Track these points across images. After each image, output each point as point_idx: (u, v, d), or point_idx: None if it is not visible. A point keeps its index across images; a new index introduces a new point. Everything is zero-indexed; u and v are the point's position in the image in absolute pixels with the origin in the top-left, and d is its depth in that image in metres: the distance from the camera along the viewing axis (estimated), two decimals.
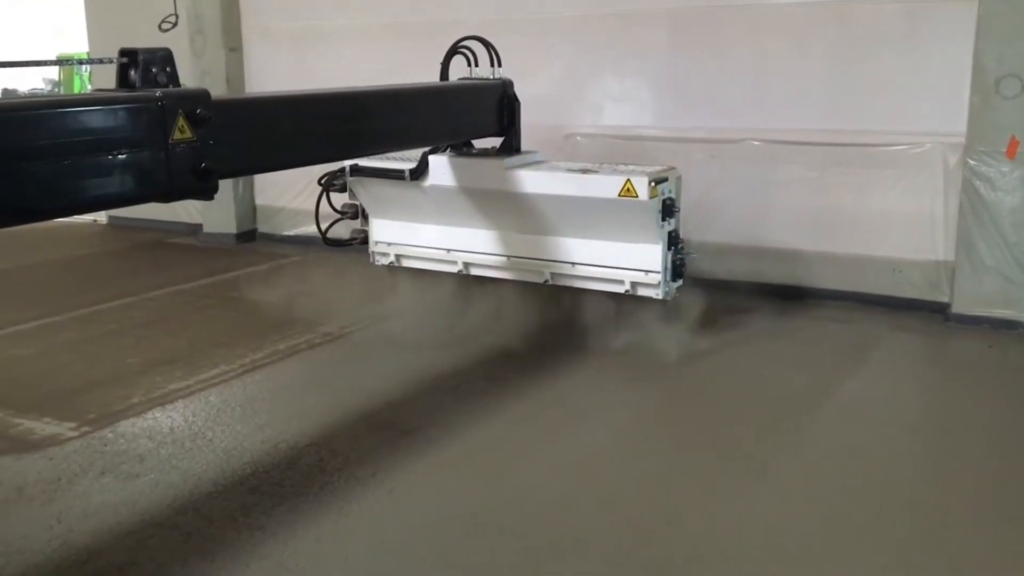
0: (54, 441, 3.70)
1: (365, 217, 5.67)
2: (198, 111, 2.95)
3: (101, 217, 8.67)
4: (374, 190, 5.48)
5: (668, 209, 4.63)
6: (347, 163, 5.35)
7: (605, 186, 4.59)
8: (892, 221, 5.42)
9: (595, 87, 6.26)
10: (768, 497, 3.20)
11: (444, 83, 5.00)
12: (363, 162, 5.33)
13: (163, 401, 4.10)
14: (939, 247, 5.32)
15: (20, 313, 5.48)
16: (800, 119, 5.58)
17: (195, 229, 7.97)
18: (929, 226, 5.33)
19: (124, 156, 2.78)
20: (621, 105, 6.20)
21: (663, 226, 4.65)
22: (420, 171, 5.14)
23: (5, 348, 4.93)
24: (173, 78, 3.01)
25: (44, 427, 3.85)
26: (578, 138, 6.30)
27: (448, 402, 4.05)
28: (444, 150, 5.15)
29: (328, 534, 2.95)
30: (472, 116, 4.91)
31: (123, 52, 2.99)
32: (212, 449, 3.61)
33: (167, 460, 3.52)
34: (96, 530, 2.99)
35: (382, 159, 5.30)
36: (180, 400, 4.12)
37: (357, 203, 5.58)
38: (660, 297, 4.72)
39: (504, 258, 5.20)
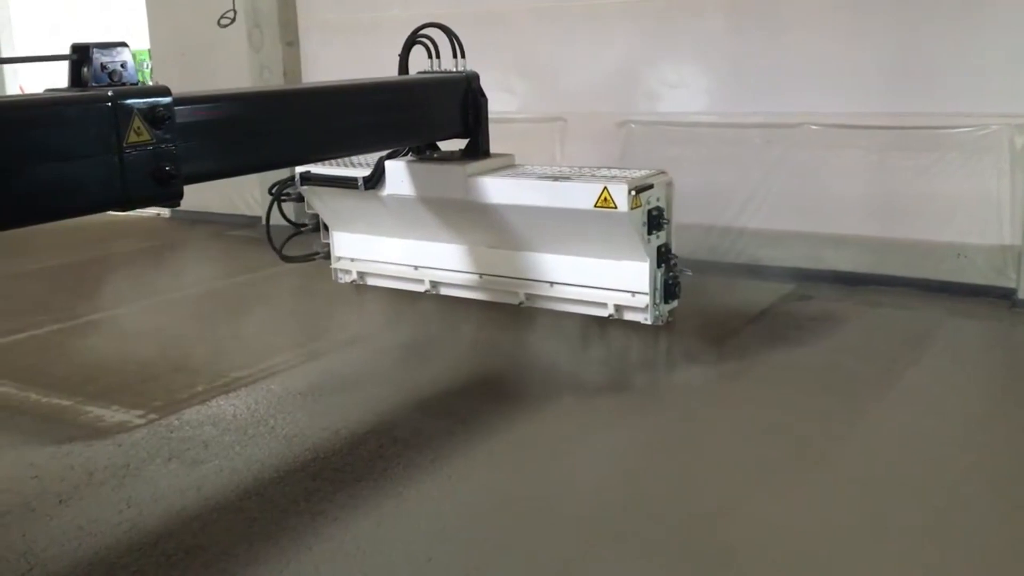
0: (122, 428, 3.81)
1: (327, 230, 5.18)
2: (156, 110, 2.72)
3: (164, 211, 8.86)
4: (329, 200, 5.01)
5: (655, 221, 4.10)
6: (298, 169, 4.87)
7: (579, 195, 4.06)
8: (955, 205, 5.29)
9: (650, 73, 6.22)
10: (826, 486, 3.16)
11: (397, 78, 4.53)
12: (315, 169, 4.82)
13: (226, 389, 4.19)
14: (1005, 231, 5.19)
15: (88, 305, 5.64)
16: (859, 102, 5.48)
17: (254, 221, 8.10)
18: (994, 209, 5.20)
19: (72, 162, 2.55)
20: (676, 91, 6.16)
21: (649, 241, 4.12)
22: (375, 179, 4.63)
23: (75, 339, 5.07)
24: (130, 75, 2.79)
25: (113, 415, 3.96)
26: (632, 126, 6.27)
27: (503, 396, 4.05)
28: (406, 153, 4.64)
29: (388, 518, 3.00)
30: (432, 115, 4.37)
31: (74, 48, 2.77)
32: (274, 436, 3.69)
33: (231, 447, 3.60)
34: (164, 514, 3.08)
35: (337, 165, 4.81)
36: (243, 388, 4.20)
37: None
38: (649, 322, 4.22)
39: (475, 276, 4.66)
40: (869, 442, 3.50)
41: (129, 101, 2.68)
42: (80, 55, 2.72)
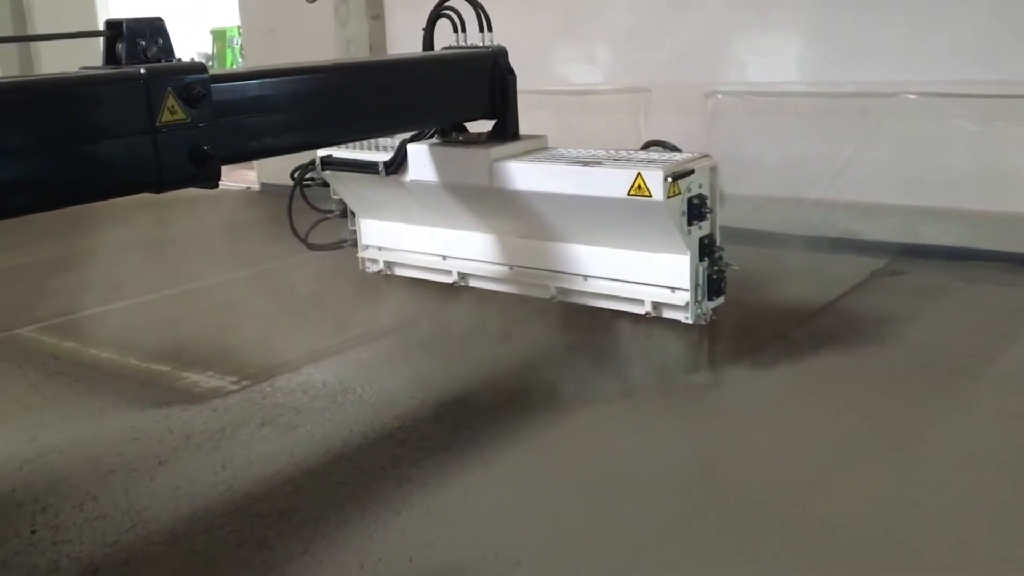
0: (217, 394, 3.92)
1: (354, 216, 5.03)
2: (191, 88, 2.61)
3: (254, 184, 9.07)
4: (353, 186, 4.81)
5: (696, 210, 3.74)
6: (319, 153, 4.72)
7: (610, 183, 3.74)
8: None
9: (738, 41, 6.07)
10: (923, 466, 3.07)
11: (416, 54, 4.27)
12: (336, 152, 4.65)
13: (316, 358, 4.27)
14: None
15: (183, 275, 5.80)
16: (962, 69, 5.25)
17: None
18: None
19: (103, 143, 2.46)
20: (766, 59, 5.99)
21: (690, 232, 3.77)
22: (396, 163, 4.38)
23: (171, 307, 5.24)
24: (166, 51, 2.66)
25: (208, 380, 4.08)
26: (719, 96, 6.14)
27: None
28: (430, 135, 4.38)
29: (475, 486, 3.03)
30: (454, 94, 4.10)
31: (108, 24, 2.65)
32: (362, 403, 3.75)
33: (321, 413, 3.67)
34: (258, 477, 3.17)
35: (361, 148, 4.62)
36: (332, 357, 4.28)
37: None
38: (690, 321, 3.87)
39: (505, 268, 4.41)
40: (967, 421, 3.39)
41: (162, 79, 2.56)
42: (114, 31, 2.61)
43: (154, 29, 2.64)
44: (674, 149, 6.15)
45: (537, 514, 2.86)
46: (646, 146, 6.32)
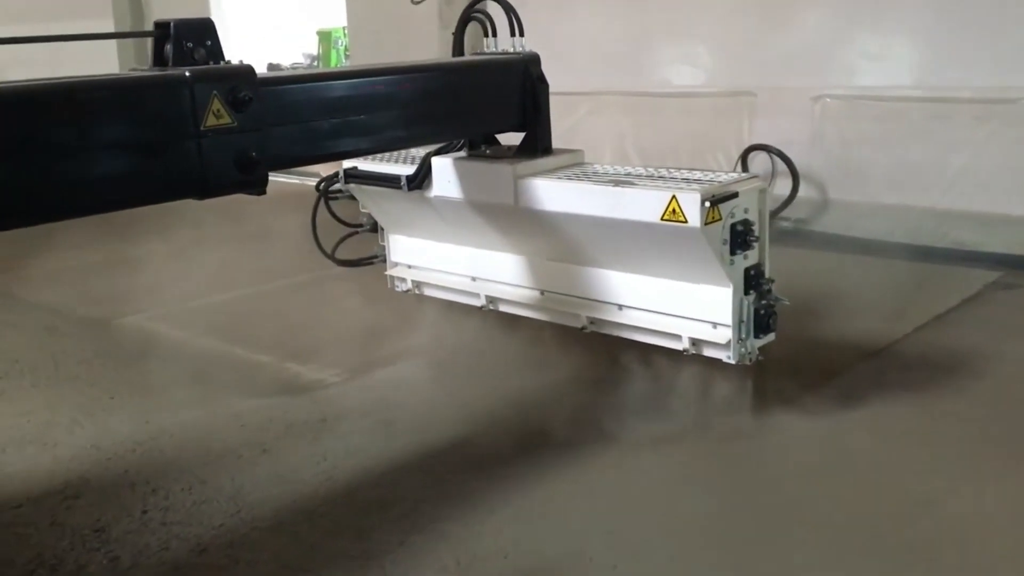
0: (319, 386, 4.01)
1: (384, 231, 4.85)
2: (239, 92, 2.54)
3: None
4: (379, 200, 4.60)
5: (740, 238, 3.37)
6: (344, 164, 4.52)
7: (642, 205, 3.41)
8: None
9: (847, 42, 5.92)
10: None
11: (439, 61, 4.07)
12: (362, 164, 4.44)
13: (410, 355, 4.34)
14: None
15: (283, 270, 5.93)
16: None
17: None
18: None
19: (146, 147, 2.42)
20: (876, 63, 5.84)
21: (732, 262, 3.40)
22: (419, 177, 4.17)
23: (275, 302, 5.37)
24: (215, 53, 2.58)
25: (310, 373, 4.18)
26: (827, 100, 6.00)
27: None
28: (459, 147, 4.16)
29: (568, 487, 3.03)
30: (479, 104, 3.85)
31: (157, 24, 2.59)
32: (455, 400, 3.78)
33: (416, 409, 3.73)
34: (357, 468, 3.23)
35: (387, 160, 4.44)
36: (425, 354, 4.35)
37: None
38: (733, 361, 3.52)
39: (536, 293, 4.19)
40: None
41: (208, 82, 2.50)
42: (162, 32, 2.55)
43: (202, 30, 2.58)
44: (779, 154, 6.08)
45: (632, 519, 2.84)
46: (749, 151, 6.28)
